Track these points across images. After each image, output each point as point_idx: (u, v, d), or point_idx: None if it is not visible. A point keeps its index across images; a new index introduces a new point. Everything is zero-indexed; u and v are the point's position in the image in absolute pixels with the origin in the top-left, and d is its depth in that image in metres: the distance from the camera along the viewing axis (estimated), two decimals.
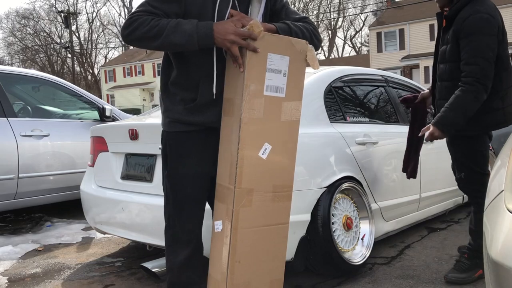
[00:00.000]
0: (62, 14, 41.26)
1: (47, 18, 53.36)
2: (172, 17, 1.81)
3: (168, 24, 1.74)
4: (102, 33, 62.95)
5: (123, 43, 53.56)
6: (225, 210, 1.87)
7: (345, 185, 3.00)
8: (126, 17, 1.84)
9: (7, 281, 3.19)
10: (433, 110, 2.92)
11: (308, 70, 3.43)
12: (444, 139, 2.81)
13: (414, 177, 3.14)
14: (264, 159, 1.87)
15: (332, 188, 2.88)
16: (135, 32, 1.77)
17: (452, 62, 2.63)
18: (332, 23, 49.21)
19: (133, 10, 1.83)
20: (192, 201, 1.94)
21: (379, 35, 33.88)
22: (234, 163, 1.82)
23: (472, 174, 2.71)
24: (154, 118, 3.32)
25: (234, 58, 1.77)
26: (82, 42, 52.64)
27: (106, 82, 48.59)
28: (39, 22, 52.27)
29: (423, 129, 2.73)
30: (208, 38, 1.74)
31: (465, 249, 2.85)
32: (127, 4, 54.21)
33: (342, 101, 3.38)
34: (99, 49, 55.17)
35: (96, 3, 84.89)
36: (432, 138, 2.63)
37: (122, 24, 1.87)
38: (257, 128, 1.83)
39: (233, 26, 1.74)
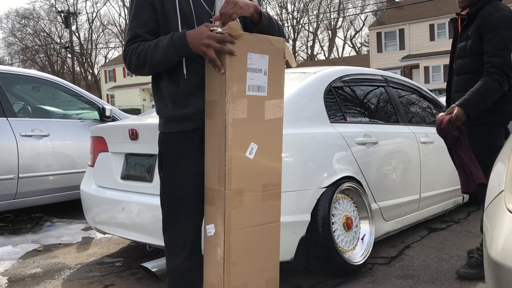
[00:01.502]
0: (62, 14, 41.26)
1: (47, 18, 53.47)
2: (151, 24, 1.85)
3: (150, 46, 1.81)
4: (102, 33, 62.99)
5: (123, 43, 53.72)
6: (216, 213, 1.87)
7: (345, 185, 3.00)
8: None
9: (7, 281, 3.19)
10: (445, 105, 3.04)
11: (308, 70, 3.45)
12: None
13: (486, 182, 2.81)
14: (251, 159, 1.87)
15: (332, 188, 2.88)
16: (131, 64, 1.86)
17: (474, 55, 2.76)
18: (332, 23, 49.22)
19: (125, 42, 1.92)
20: (189, 202, 1.93)
21: (379, 35, 33.88)
22: (222, 165, 1.82)
23: (484, 169, 2.71)
24: (154, 118, 3.31)
25: (211, 62, 1.76)
26: (82, 42, 52.69)
27: (106, 82, 48.56)
28: (39, 22, 52.35)
29: (448, 111, 2.74)
30: (184, 47, 1.76)
31: (479, 245, 2.91)
32: (127, 4, 54.22)
33: (342, 101, 3.38)
34: (99, 49, 55.21)
35: (96, 3, 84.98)
36: (457, 119, 2.67)
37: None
38: (242, 129, 1.84)
39: (206, 30, 1.73)
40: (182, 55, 1.80)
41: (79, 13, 49.25)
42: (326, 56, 50.48)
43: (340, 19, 48.07)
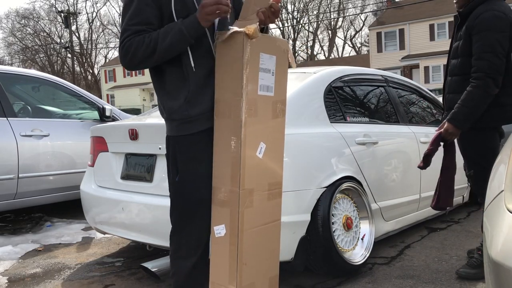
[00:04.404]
0: (62, 14, 41.27)
1: (47, 18, 53.50)
2: (155, 22, 1.82)
3: (158, 33, 1.79)
4: (102, 33, 62.99)
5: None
6: (228, 214, 1.86)
7: (345, 185, 3.00)
8: (119, 46, 1.84)
9: (7, 281, 3.19)
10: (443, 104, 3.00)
11: (308, 70, 3.45)
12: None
13: (451, 205, 2.94)
14: (261, 158, 1.88)
15: (332, 188, 2.88)
16: (136, 56, 1.80)
17: (464, 56, 2.73)
18: (332, 23, 49.21)
19: (121, 38, 1.83)
20: (205, 203, 1.92)
21: (379, 35, 33.88)
22: (237, 164, 1.81)
23: (481, 171, 2.69)
24: (154, 118, 3.32)
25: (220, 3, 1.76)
26: (82, 42, 52.68)
27: (106, 82, 48.57)
28: (39, 22, 52.36)
29: (439, 127, 2.79)
30: (194, 23, 1.77)
31: (479, 245, 2.90)
32: None
33: (342, 101, 3.38)
34: (99, 49, 55.20)
35: (96, 3, 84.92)
36: (447, 134, 2.72)
37: (119, 54, 1.88)
38: (254, 128, 1.85)
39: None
40: (193, 35, 1.79)
41: (79, 13, 49.26)
42: (326, 56, 50.47)
43: (340, 19, 48.10)
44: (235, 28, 1.78)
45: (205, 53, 1.86)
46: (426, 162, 2.87)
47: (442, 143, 2.81)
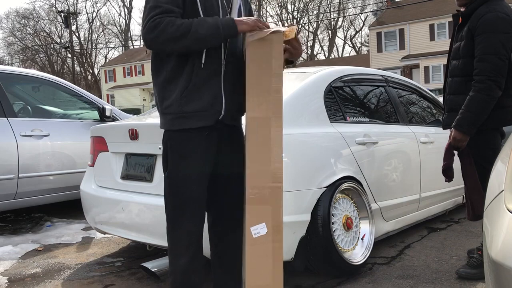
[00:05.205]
0: (62, 14, 41.31)
1: (47, 18, 53.50)
2: (182, 8, 1.86)
3: (191, 21, 1.81)
4: (102, 33, 62.84)
5: (123, 43, 53.55)
6: (270, 211, 1.84)
7: (345, 185, 3.00)
8: (146, 21, 1.82)
9: (7, 281, 3.19)
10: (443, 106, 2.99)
11: (308, 70, 3.45)
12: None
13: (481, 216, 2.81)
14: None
15: (332, 188, 2.88)
16: (163, 34, 1.78)
17: (465, 57, 2.70)
18: (332, 23, 49.21)
19: (149, 14, 1.81)
20: (194, 202, 1.92)
21: (379, 35, 33.87)
22: (280, 162, 1.85)
23: (483, 172, 2.68)
24: (154, 118, 3.32)
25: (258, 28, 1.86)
26: (82, 42, 52.68)
27: (106, 82, 48.56)
28: (39, 22, 52.37)
29: (449, 135, 2.76)
30: (231, 27, 1.84)
31: (479, 245, 2.90)
32: (127, 4, 54.16)
33: (342, 101, 3.38)
34: (99, 49, 55.20)
35: (96, 3, 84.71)
36: (456, 142, 2.69)
37: (144, 29, 1.84)
38: (281, 124, 1.91)
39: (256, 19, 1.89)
40: (227, 36, 1.86)
41: (79, 13, 49.28)
42: (326, 56, 50.48)
43: (340, 19, 48.10)
44: (273, 29, 1.84)
45: (213, 54, 1.90)
46: (448, 176, 2.86)
47: (456, 152, 2.78)
